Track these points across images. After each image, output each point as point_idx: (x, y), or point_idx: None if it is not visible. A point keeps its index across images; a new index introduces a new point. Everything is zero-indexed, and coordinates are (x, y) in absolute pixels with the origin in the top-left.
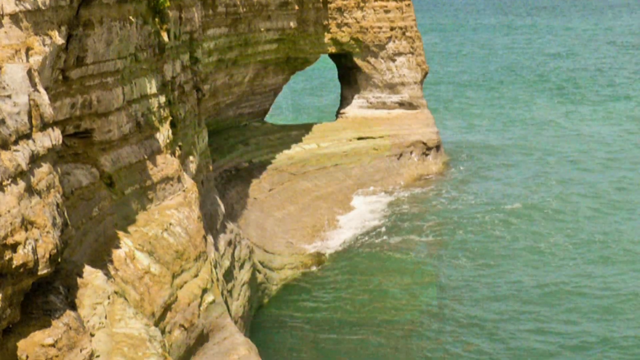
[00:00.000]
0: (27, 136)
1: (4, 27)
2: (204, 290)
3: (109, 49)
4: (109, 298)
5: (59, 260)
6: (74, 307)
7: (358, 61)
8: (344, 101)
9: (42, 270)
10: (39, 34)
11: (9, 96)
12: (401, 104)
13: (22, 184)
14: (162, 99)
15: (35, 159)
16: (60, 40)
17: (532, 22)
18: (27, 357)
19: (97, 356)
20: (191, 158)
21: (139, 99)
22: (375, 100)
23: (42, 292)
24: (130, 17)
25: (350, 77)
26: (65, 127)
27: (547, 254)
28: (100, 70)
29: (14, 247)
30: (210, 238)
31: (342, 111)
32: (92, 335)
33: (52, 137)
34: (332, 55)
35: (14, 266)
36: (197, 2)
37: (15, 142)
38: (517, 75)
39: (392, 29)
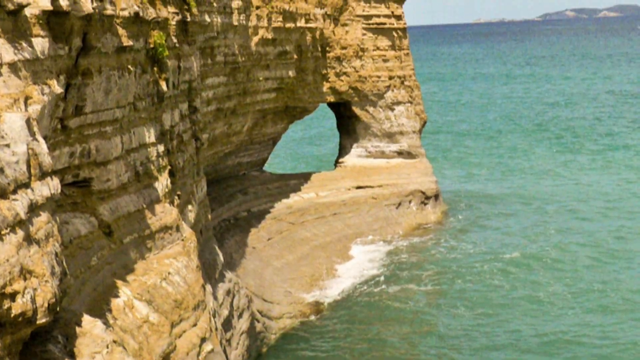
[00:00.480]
0: (26, 185)
1: (2, 76)
2: (203, 340)
3: (108, 98)
4: (107, 347)
5: (58, 309)
6: (72, 356)
7: (357, 110)
8: (343, 150)
9: (41, 319)
10: (38, 83)
11: (8, 145)
12: (400, 153)
13: (20, 233)
14: (161, 148)
15: (33, 208)
16: (59, 89)
17: (531, 72)
18: None
19: None
20: (190, 207)
21: (137, 148)
22: (374, 150)
23: (41, 341)
24: (129, 66)
25: (349, 126)
26: (63, 176)
27: (546, 303)
28: (99, 119)
29: (12, 296)
30: (208, 287)
31: (340, 160)
32: None
33: (50, 186)
34: (330, 104)
35: (12, 315)
36: (195, 51)
37: (14, 191)
38: (516, 124)
39: (390, 78)
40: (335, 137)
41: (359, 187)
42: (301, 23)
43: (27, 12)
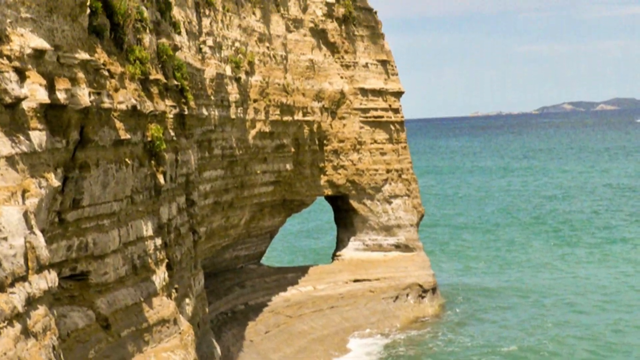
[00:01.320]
0: (23, 278)
1: (0, 170)
2: None
3: (105, 191)
4: None
5: None
6: None
7: (354, 203)
8: (340, 243)
9: None
10: (35, 176)
11: (5, 238)
12: (397, 246)
13: (18, 327)
14: (158, 241)
15: (31, 302)
16: (56, 183)
17: (528, 165)
18: None
19: None
20: (187, 300)
21: (135, 241)
22: (371, 243)
23: None
24: (127, 160)
25: (346, 219)
26: (61, 270)
27: None
28: (97, 213)
29: None
30: None
31: (338, 253)
32: None
33: (48, 280)
34: (328, 197)
35: None
36: (193, 145)
37: (12, 285)
38: (514, 217)
39: (388, 171)
40: (333, 230)
41: (356, 281)
42: (299, 116)
43: (25, 105)
